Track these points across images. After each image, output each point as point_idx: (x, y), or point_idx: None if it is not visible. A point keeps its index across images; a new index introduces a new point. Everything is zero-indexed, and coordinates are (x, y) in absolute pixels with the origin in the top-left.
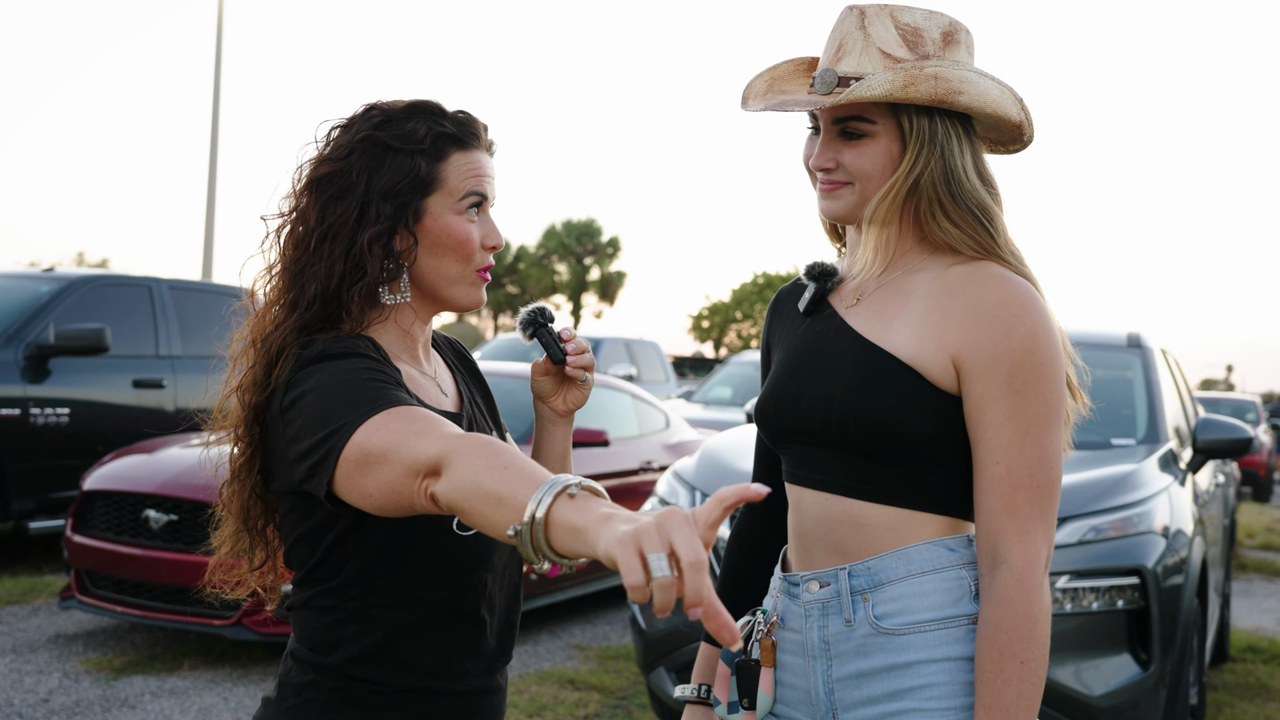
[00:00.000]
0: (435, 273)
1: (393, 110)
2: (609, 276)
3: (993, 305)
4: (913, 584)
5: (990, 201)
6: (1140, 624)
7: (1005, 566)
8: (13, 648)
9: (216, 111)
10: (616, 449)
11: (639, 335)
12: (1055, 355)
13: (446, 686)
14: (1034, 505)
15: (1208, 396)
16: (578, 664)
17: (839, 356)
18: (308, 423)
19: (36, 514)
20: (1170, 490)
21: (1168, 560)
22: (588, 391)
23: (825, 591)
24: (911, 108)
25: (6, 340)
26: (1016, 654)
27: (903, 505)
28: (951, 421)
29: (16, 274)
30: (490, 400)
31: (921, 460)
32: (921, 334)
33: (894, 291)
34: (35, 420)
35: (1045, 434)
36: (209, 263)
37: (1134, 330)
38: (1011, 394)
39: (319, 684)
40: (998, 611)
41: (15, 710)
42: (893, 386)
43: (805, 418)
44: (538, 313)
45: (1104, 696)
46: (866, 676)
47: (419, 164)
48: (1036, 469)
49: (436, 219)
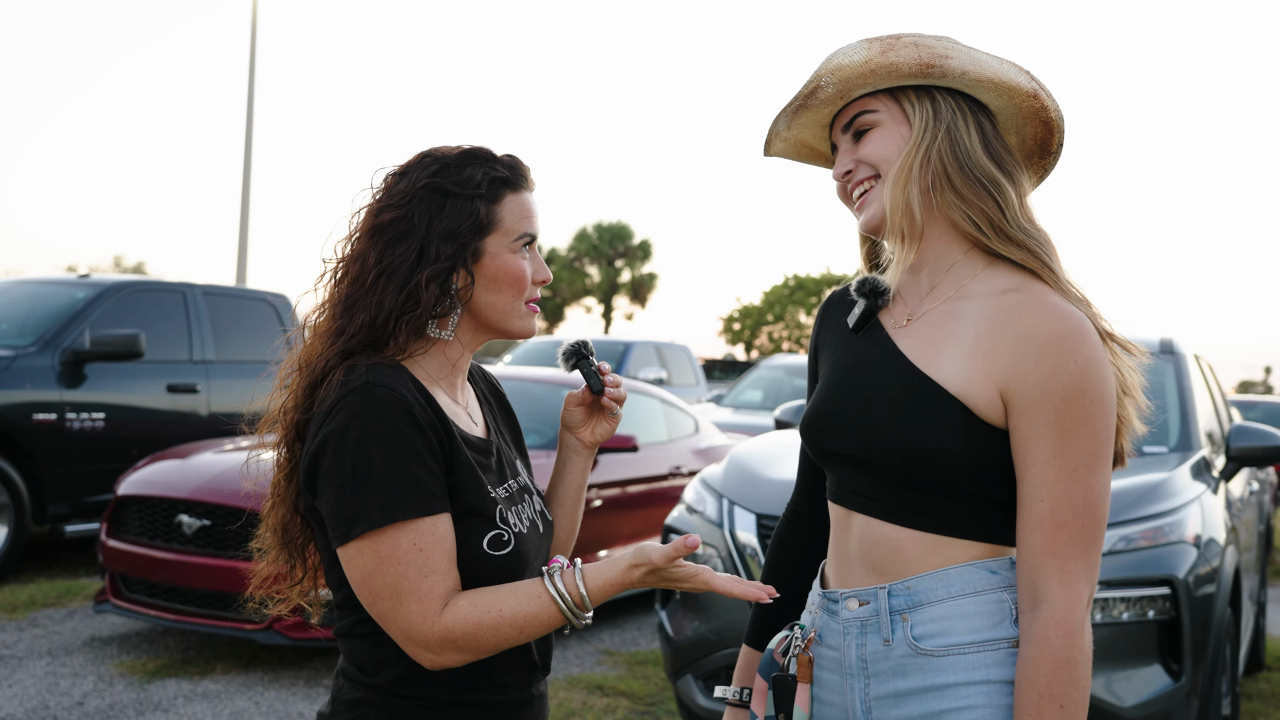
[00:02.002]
0: (492, 308)
1: (448, 157)
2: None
3: (1043, 339)
4: (953, 605)
5: (1002, 177)
6: (1171, 634)
7: (1045, 607)
8: (48, 650)
9: (250, 115)
10: (645, 454)
11: (669, 338)
12: (1106, 392)
13: (488, 698)
14: (1077, 545)
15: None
16: (606, 670)
17: (887, 382)
18: (334, 481)
19: (72, 517)
20: (1202, 499)
21: (1199, 570)
22: (615, 426)
23: (864, 610)
24: (911, 90)
25: (43, 346)
26: (1056, 698)
27: (944, 533)
28: (998, 456)
29: (53, 280)
30: (516, 431)
31: (963, 491)
32: (971, 365)
33: (944, 315)
34: (71, 425)
35: (1092, 473)
36: (243, 267)
37: (1166, 336)
38: (1059, 431)
39: (369, 700)
40: (1037, 653)
41: (51, 713)
42: (939, 419)
43: (850, 441)
44: (580, 345)
45: (1135, 708)
46: (904, 696)
47: (478, 208)
48: (1081, 509)
49: (495, 258)
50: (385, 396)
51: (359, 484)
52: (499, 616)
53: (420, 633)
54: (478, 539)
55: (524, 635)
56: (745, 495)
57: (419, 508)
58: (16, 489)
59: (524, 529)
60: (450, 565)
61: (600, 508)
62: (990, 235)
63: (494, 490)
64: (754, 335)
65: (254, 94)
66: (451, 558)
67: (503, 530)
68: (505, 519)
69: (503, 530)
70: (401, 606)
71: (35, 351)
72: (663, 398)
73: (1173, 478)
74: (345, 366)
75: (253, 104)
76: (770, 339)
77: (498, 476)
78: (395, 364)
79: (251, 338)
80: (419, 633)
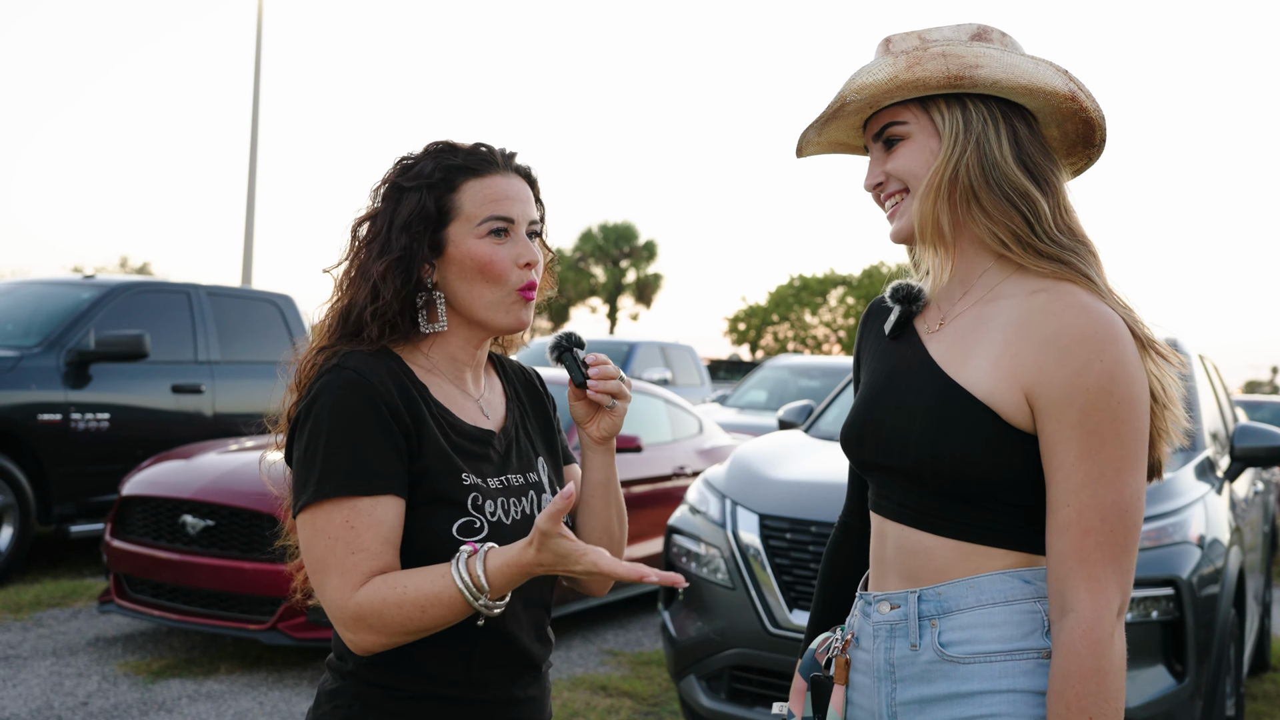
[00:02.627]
0: (470, 297)
1: (412, 155)
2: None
3: (1067, 340)
4: (982, 614)
5: (1034, 189)
6: (1175, 635)
7: (1073, 615)
8: (53, 650)
9: (256, 115)
10: (649, 454)
11: (674, 339)
12: (1134, 394)
13: (464, 694)
14: (1105, 552)
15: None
16: (610, 670)
17: (917, 390)
18: (295, 456)
19: (77, 518)
20: (1206, 499)
21: (1203, 570)
22: (619, 419)
23: (895, 614)
24: (941, 99)
25: (48, 346)
26: (1085, 709)
27: (978, 541)
28: (1029, 462)
29: (58, 280)
30: (550, 431)
31: (995, 500)
32: (997, 369)
33: (975, 319)
34: (76, 425)
35: (1121, 476)
36: (248, 268)
37: (1171, 336)
38: (1085, 434)
39: (343, 690)
40: (1065, 663)
41: (55, 713)
42: (967, 426)
43: (884, 451)
44: (564, 337)
45: (1139, 709)
46: (929, 703)
47: (426, 198)
48: (1110, 514)
49: (458, 245)
50: (350, 379)
51: (310, 459)
52: (402, 594)
53: (337, 608)
54: (446, 524)
55: (426, 616)
56: (748, 496)
57: (358, 486)
58: (21, 489)
59: (507, 521)
60: (383, 548)
61: None
62: (1018, 252)
63: (476, 479)
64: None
65: (259, 94)
66: (387, 540)
67: (475, 518)
68: (480, 507)
69: (475, 518)
70: (326, 581)
71: (40, 352)
72: (666, 398)
73: (1176, 478)
74: (327, 354)
75: (258, 104)
76: (775, 339)
77: (496, 468)
78: (378, 350)
79: (256, 338)
80: (336, 608)
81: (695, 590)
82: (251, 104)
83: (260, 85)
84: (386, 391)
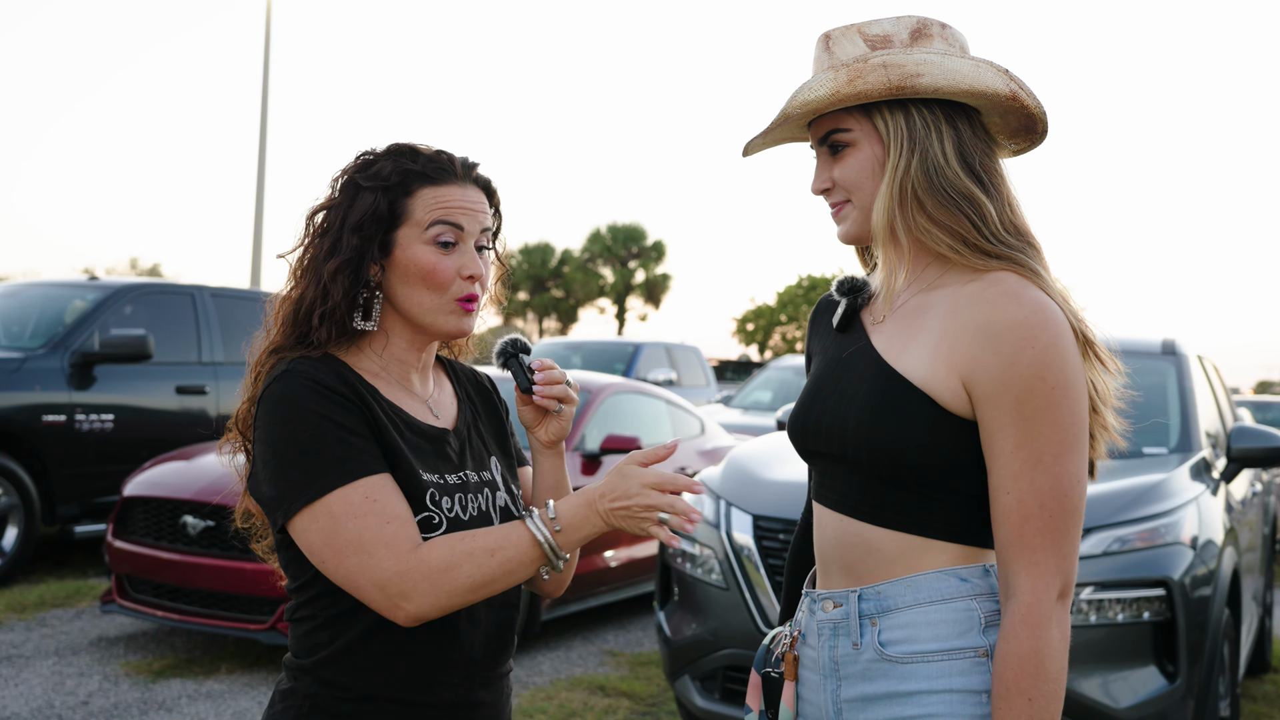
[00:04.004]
0: (410, 301)
1: (373, 153)
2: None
3: (1000, 326)
4: (920, 613)
5: (979, 191)
6: (1167, 636)
7: (1014, 599)
8: (55, 650)
9: (265, 116)
10: None
11: (680, 339)
12: (1069, 378)
13: (416, 697)
14: (1045, 536)
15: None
16: (609, 670)
17: (858, 378)
18: (272, 464)
19: (81, 518)
20: (1200, 500)
21: (1196, 571)
22: (566, 423)
23: (837, 612)
24: (884, 106)
25: (52, 348)
26: (1024, 691)
27: (915, 532)
28: (966, 448)
29: (62, 282)
30: (502, 430)
31: (934, 487)
32: (934, 356)
33: (915, 310)
34: (80, 426)
35: (1059, 462)
36: (257, 269)
37: (1169, 337)
38: (1021, 421)
39: (295, 691)
40: (1005, 645)
41: (56, 712)
42: (905, 413)
43: (825, 439)
44: (510, 343)
45: (1130, 709)
46: (871, 701)
47: (380, 200)
48: (1048, 499)
49: (404, 249)
50: (303, 382)
51: (295, 461)
52: (471, 543)
53: (395, 575)
54: None
55: (495, 560)
56: (742, 497)
57: (359, 470)
58: (26, 490)
59: (464, 517)
60: (410, 514)
61: None
62: (965, 253)
63: (432, 475)
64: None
65: (268, 95)
66: (409, 510)
67: (433, 513)
68: (438, 503)
69: (433, 513)
70: (370, 557)
71: (45, 353)
72: (668, 399)
73: (1170, 479)
74: (274, 360)
75: (266, 105)
76: (784, 339)
77: (452, 465)
78: (324, 356)
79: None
80: (394, 575)
81: (690, 591)
82: (260, 105)
83: (269, 86)
84: (341, 391)
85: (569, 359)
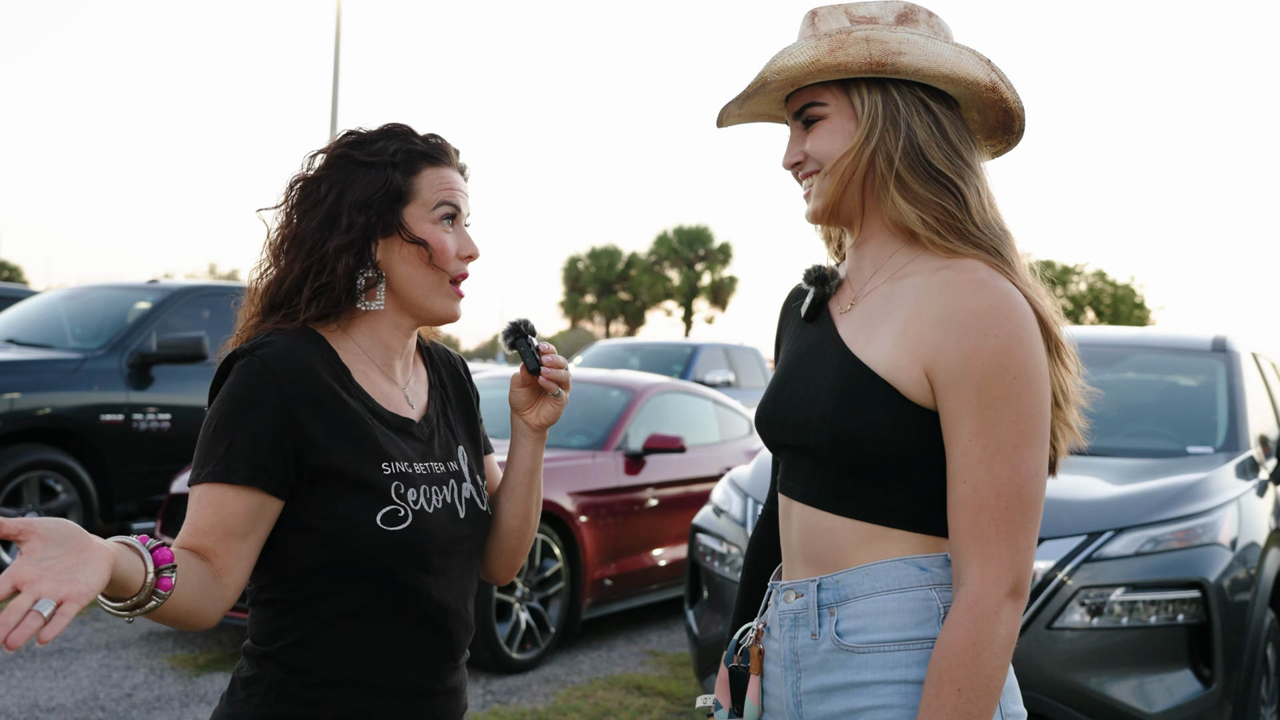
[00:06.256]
0: (412, 282)
1: (366, 132)
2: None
3: (964, 315)
4: (876, 602)
5: (958, 178)
6: (1203, 639)
7: (962, 590)
8: (105, 644)
9: (334, 123)
10: (694, 455)
11: (739, 341)
12: (1031, 369)
13: (380, 683)
14: (999, 528)
15: None
16: (649, 670)
17: (824, 368)
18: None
19: (139, 516)
20: (1242, 500)
21: (1235, 573)
22: (560, 408)
23: (798, 603)
24: (863, 83)
25: (111, 349)
26: (954, 680)
27: (876, 521)
28: (928, 438)
29: (121, 285)
30: (472, 419)
31: (896, 477)
32: (899, 346)
33: (882, 298)
34: (138, 425)
35: (1017, 453)
36: None
37: (1220, 334)
38: (981, 410)
39: (259, 678)
40: (944, 634)
41: (100, 704)
42: (866, 402)
43: (790, 429)
44: (520, 324)
45: (1163, 714)
46: (829, 692)
47: (392, 177)
48: (1005, 489)
49: (412, 229)
50: (256, 369)
51: (203, 439)
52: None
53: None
54: (371, 512)
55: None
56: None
57: (223, 475)
58: (85, 488)
59: (429, 509)
60: (211, 530)
61: (654, 507)
62: (943, 235)
63: (399, 466)
64: None
65: (337, 101)
66: (220, 526)
67: (398, 506)
68: (403, 495)
69: (398, 506)
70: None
71: (103, 354)
72: (715, 399)
73: (1211, 478)
74: (250, 331)
75: (336, 111)
76: None
77: (419, 456)
78: (303, 329)
79: None
80: None
81: (718, 590)
82: (330, 111)
83: (339, 91)
84: (294, 381)
85: (627, 360)
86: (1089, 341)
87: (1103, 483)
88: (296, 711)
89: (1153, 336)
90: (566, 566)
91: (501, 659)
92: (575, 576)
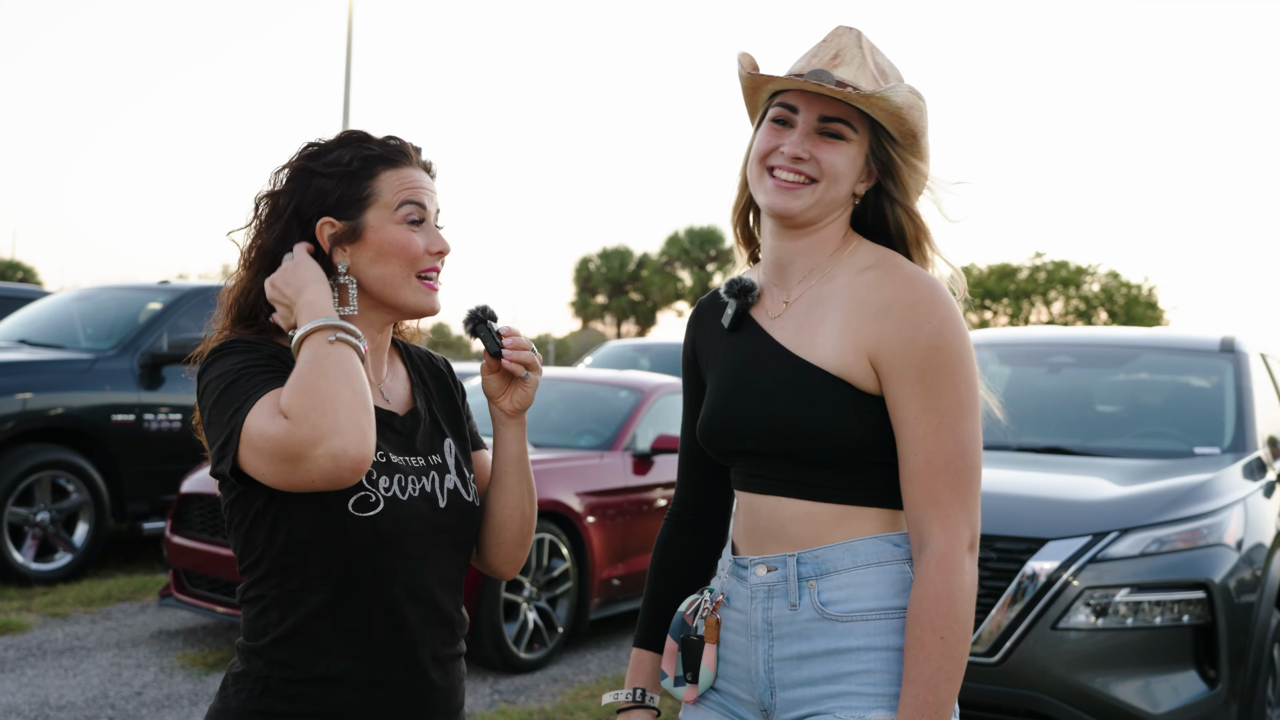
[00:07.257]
0: (382, 281)
1: (323, 142)
2: None
3: (900, 307)
4: (858, 574)
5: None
6: (1208, 640)
7: (928, 549)
8: (116, 643)
9: (346, 125)
10: None
11: None
12: (963, 347)
13: (366, 678)
14: (953, 491)
15: None
16: None
17: (773, 375)
18: (210, 410)
19: (150, 515)
20: (1248, 501)
21: (1241, 574)
22: (532, 391)
23: (772, 575)
24: (881, 130)
25: (123, 349)
26: (937, 629)
27: (851, 503)
28: (885, 423)
29: (133, 286)
30: (456, 415)
31: (863, 462)
32: (842, 343)
33: (813, 301)
34: (149, 425)
35: (959, 423)
36: None
37: (1228, 334)
38: (924, 389)
39: (247, 674)
40: (919, 590)
41: (109, 702)
42: (829, 400)
43: (751, 438)
44: (478, 310)
45: (1168, 715)
46: (807, 658)
47: (344, 186)
48: (953, 456)
49: (376, 230)
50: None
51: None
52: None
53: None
54: (342, 499)
55: (339, 356)
56: None
57: (259, 390)
58: (96, 487)
59: (404, 496)
60: None
61: (662, 508)
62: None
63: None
64: None
65: (349, 103)
66: None
67: (370, 492)
68: (374, 481)
69: (370, 492)
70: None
71: (115, 355)
72: None
73: (1216, 479)
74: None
75: (348, 112)
76: None
77: (395, 448)
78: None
79: None
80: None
81: None
82: (342, 112)
83: (350, 92)
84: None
85: (636, 361)
86: (1098, 342)
87: (1108, 483)
88: (282, 706)
89: (1161, 337)
90: (574, 566)
91: (509, 658)
92: (583, 576)
